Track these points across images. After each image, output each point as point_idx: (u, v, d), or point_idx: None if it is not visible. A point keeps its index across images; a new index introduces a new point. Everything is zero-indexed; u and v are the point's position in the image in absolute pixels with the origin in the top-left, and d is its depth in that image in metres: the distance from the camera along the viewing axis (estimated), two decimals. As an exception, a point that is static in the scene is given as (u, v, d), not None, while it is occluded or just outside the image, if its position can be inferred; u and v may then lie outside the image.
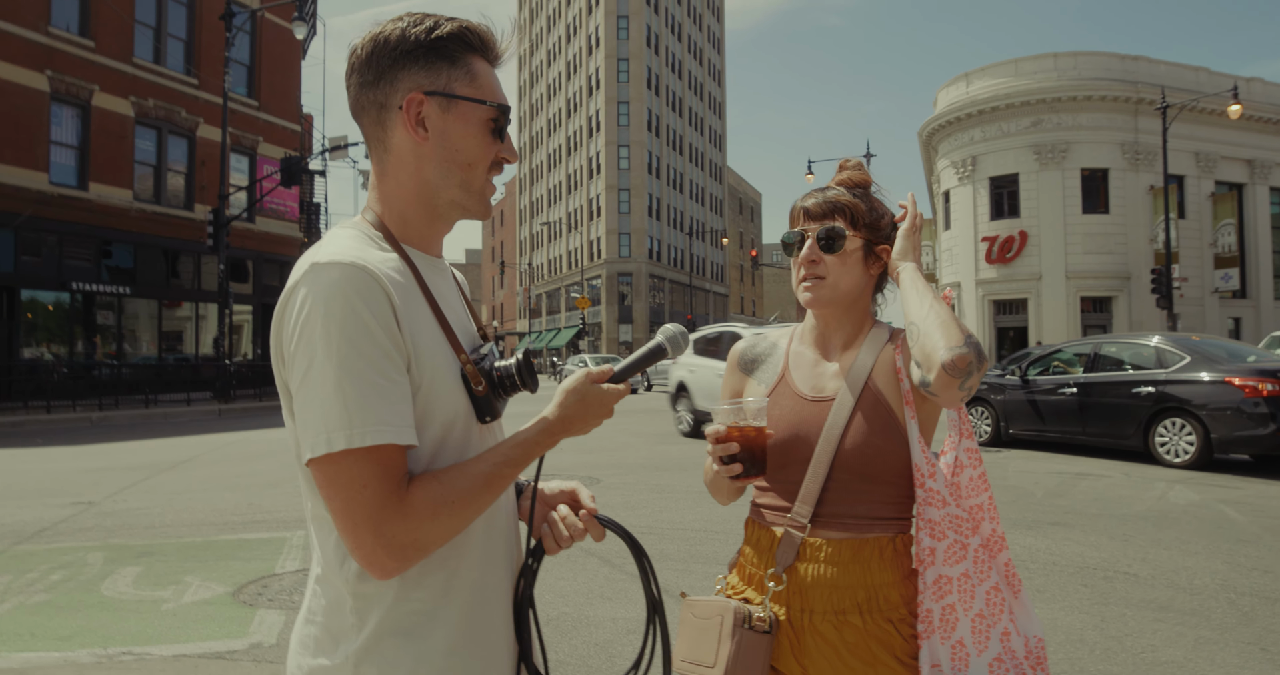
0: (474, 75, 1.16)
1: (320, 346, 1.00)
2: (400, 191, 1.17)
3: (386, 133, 1.15)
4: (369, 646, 1.07)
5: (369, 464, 0.99)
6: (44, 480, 8.96)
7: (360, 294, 1.01)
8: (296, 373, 1.02)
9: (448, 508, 1.03)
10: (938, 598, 1.39)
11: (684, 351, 1.28)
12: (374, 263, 1.05)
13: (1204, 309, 33.84)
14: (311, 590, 1.14)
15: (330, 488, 1.00)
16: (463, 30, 1.15)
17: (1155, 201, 31.16)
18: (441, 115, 1.14)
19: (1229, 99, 25.26)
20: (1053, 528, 6.27)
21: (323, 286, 1.01)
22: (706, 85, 76.56)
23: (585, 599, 4.53)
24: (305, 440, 1.01)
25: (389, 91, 1.13)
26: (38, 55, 20.20)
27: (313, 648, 1.11)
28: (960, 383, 1.29)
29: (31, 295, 20.54)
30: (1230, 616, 4.21)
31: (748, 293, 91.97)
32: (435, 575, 1.10)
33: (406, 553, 1.01)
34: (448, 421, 1.11)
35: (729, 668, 1.42)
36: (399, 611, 1.08)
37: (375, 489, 0.99)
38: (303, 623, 1.14)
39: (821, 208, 1.55)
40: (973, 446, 1.49)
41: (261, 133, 26.74)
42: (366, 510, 0.99)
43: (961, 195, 34.98)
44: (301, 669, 1.11)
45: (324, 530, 1.11)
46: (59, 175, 20.75)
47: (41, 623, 4.18)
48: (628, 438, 12.80)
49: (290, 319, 1.03)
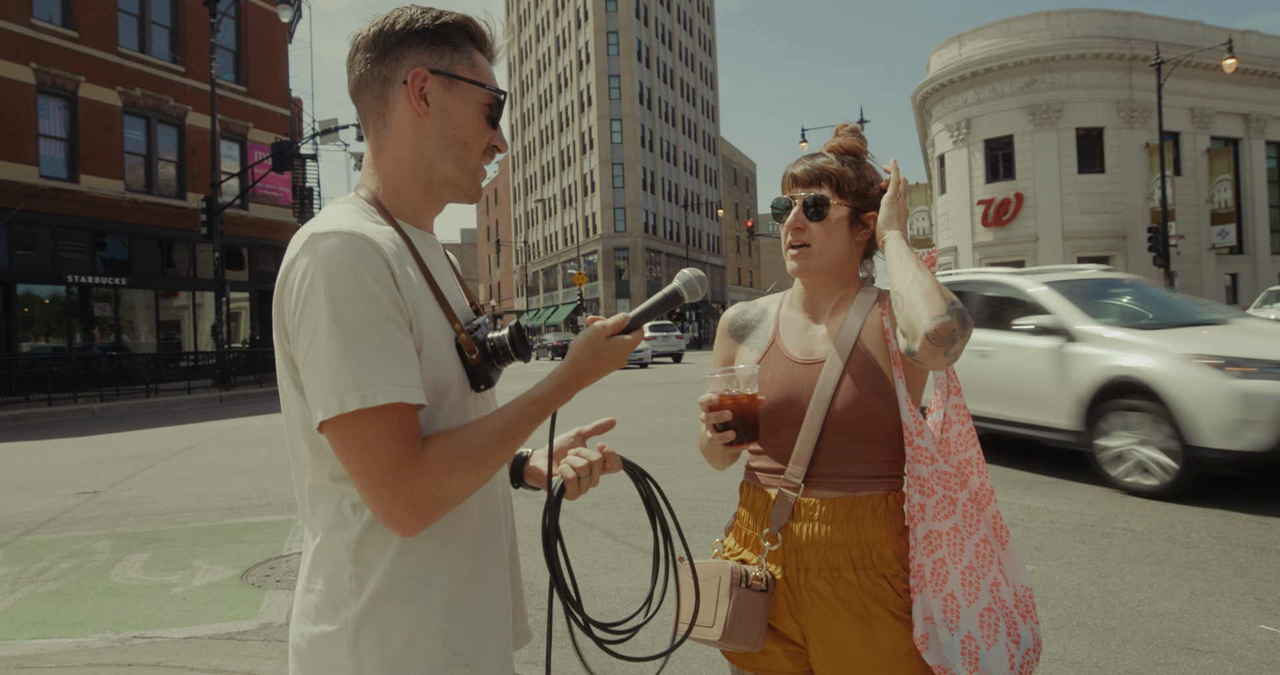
0: (474, 62, 1.22)
1: (325, 312, 1.02)
2: (398, 166, 1.20)
3: (388, 107, 1.19)
4: (367, 611, 1.09)
5: (383, 423, 1.02)
6: (49, 471, 9.03)
7: (361, 259, 1.04)
8: (303, 340, 1.04)
9: (464, 463, 1.06)
10: (928, 552, 1.42)
11: (700, 296, 1.26)
12: (371, 233, 1.08)
13: (1201, 266, 33.80)
14: (309, 561, 1.16)
15: (347, 450, 1.03)
16: (466, 21, 1.22)
17: (1151, 159, 31.03)
18: (443, 93, 1.18)
19: (1224, 53, 25.02)
20: (1050, 487, 6.32)
21: (323, 254, 1.04)
22: (697, 56, 75.82)
23: (590, 571, 4.59)
24: (317, 403, 1.03)
25: (394, 67, 1.18)
26: (22, 47, 20.00)
27: (313, 615, 1.13)
28: (945, 350, 1.31)
29: (27, 289, 20.51)
30: (1225, 568, 4.26)
31: (744, 263, 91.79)
32: (431, 540, 1.12)
33: (426, 508, 1.04)
34: (443, 388, 1.14)
35: (727, 626, 1.46)
36: (396, 576, 1.10)
37: (391, 448, 1.02)
38: (302, 593, 1.16)
39: (809, 175, 1.57)
40: (960, 403, 1.51)
41: (251, 118, 26.54)
42: (383, 469, 1.02)
43: (956, 158, 34.81)
44: (304, 637, 1.13)
45: (323, 499, 1.13)
46: (49, 168, 20.62)
47: (53, 610, 4.24)
48: (630, 411, 12.86)
49: (292, 289, 1.05)
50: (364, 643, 1.09)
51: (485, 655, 1.17)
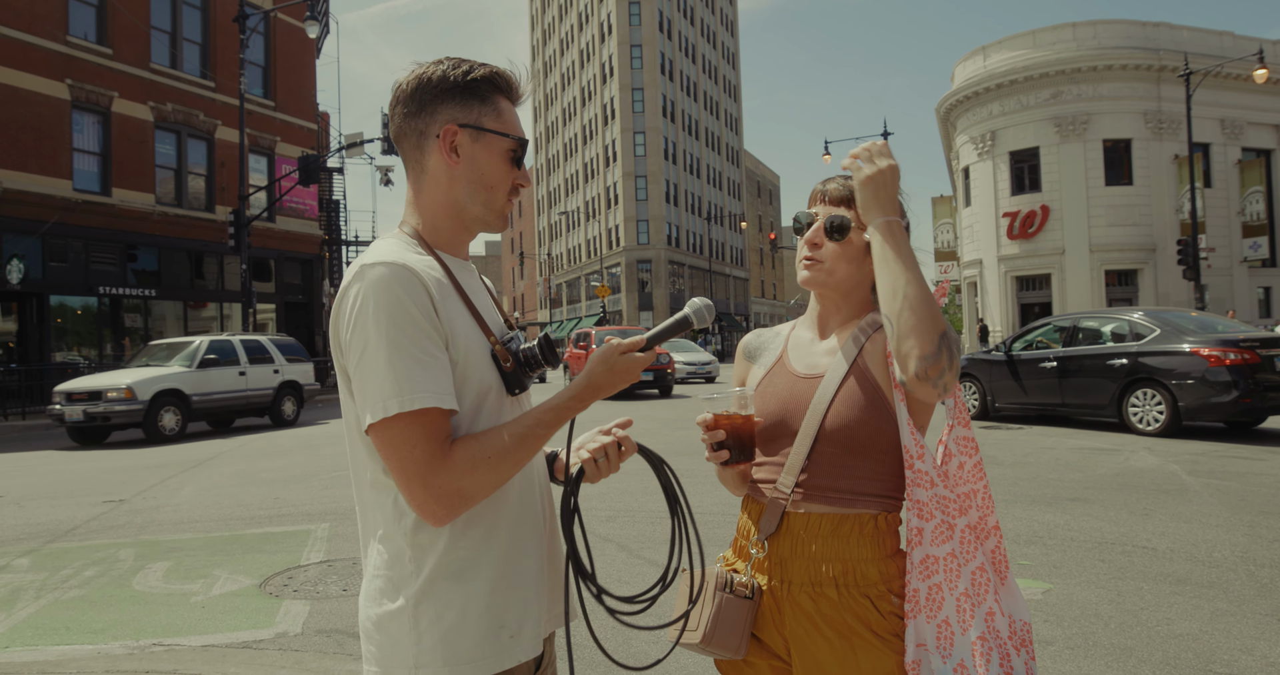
0: (500, 112, 1.38)
1: (372, 332, 1.19)
2: (434, 206, 1.38)
3: (424, 156, 1.36)
4: (425, 590, 1.26)
5: (417, 426, 1.18)
6: (75, 480, 9.18)
7: (403, 286, 1.21)
8: (353, 356, 1.22)
9: (485, 462, 1.21)
10: (924, 577, 1.40)
11: (708, 323, 1.40)
12: (413, 263, 1.25)
13: (1232, 279, 33.25)
14: (375, 551, 1.31)
15: (387, 449, 1.19)
16: (493, 74, 1.37)
17: (1180, 171, 30.63)
18: (471, 144, 1.35)
19: (1254, 63, 24.75)
20: (1072, 503, 6.25)
21: (370, 282, 1.21)
22: (720, 68, 76.02)
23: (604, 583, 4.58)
24: (365, 409, 1.20)
25: (429, 122, 1.35)
26: (58, 64, 20.48)
27: (378, 598, 1.29)
28: (932, 385, 1.32)
29: (60, 300, 20.92)
30: (1249, 588, 4.19)
31: (768, 276, 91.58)
32: (477, 527, 1.29)
33: (453, 501, 1.20)
34: (481, 393, 1.30)
35: (709, 630, 1.48)
36: (449, 558, 1.27)
37: (423, 448, 1.18)
38: (369, 579, 1.32)
39: (838, 194, 1.56)
40: (967, 435, 1.48)
41: (279, 132, 26.96)
42: (416, 466, 1.18)
43: (981, 171, 34.58)
44: (370, 619, 1.29)
45: (384, 494, 1.29)
46: (82, 182, 21.06)
47: (75, 617, 4.31)
48: (649, 424, 12.86)
49: (345, 312, 1.24)
50: (424, 617, 1.25)
51: (526, 628, 1.33)
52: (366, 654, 1.31)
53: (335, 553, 5.44)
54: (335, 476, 8.65)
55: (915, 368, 1.32)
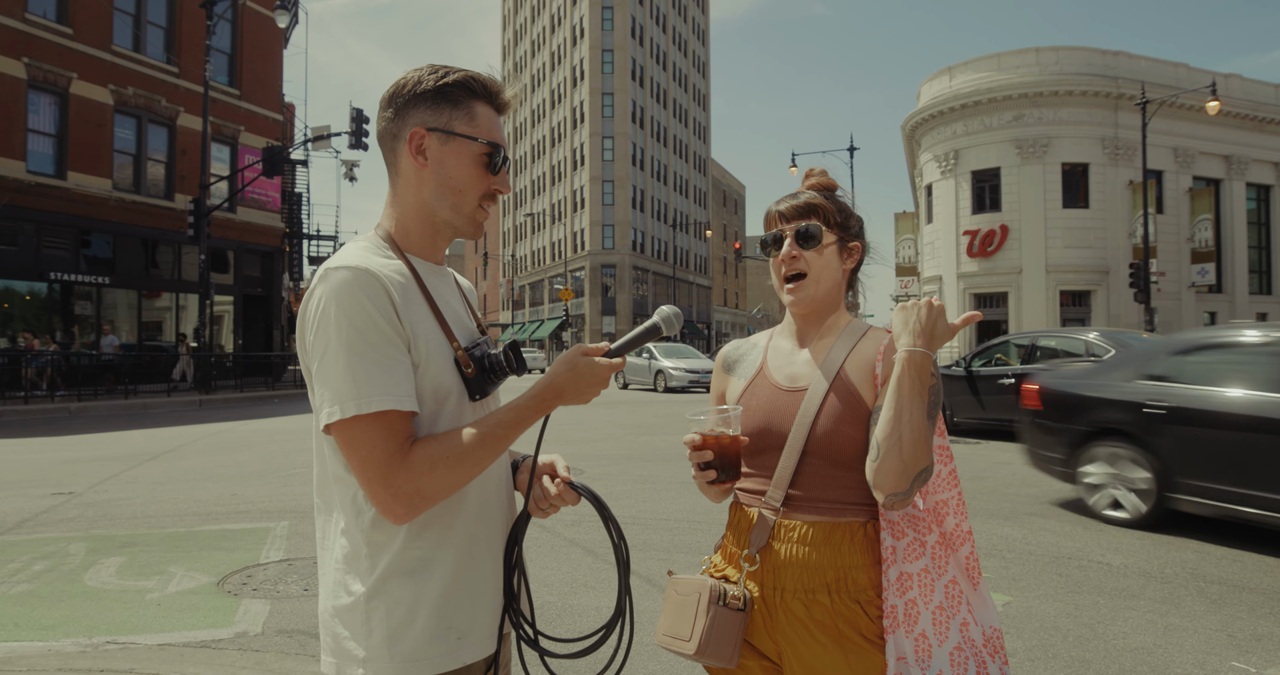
0: (473, 117, 1.38)
1: (333, 334, 1.21)
2: (405, 209, 1.40)
3: (397, 159, 1.39)
4: (379, 586, 1.28)
5: (376, 427, 1.20)
6: (23, 471, 8.91)
7: (364, 290, 1.22)
8: (315, 356, 1.24)
9: (444, 462, 1.22)
10: (900, 594, 1.46)
11: (676, 331, 1.42)
12: (376, 266, 1.26)
13: (1180, 303, 34.23)
14: (338, 544, 1.32)
15: (348, 449, 1.22)
16: (467, 79, 1.38)
17: (1134, 196, 31.46)
18: (440, 147, 1.36)
19: (1207, 95, 25.48)
20: (1029, 517, 6.37)
21: (333, 286, 1.23)
22: (691, 77, 76.40)
23: (569, 588, 4.58)
24: (323, 409, 1.22)
25: (401, 125, 1.37)
26: (14, 42, 19.91)
27: (335, 590, 1.31)
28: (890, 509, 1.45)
29: (7, 285, 20.30)
30: (1199, 604, 4.31)
31: (731, 285, 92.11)
32: (433, 527, 1.30)
33: (413, 501, 1.21)
34: (441, 396, 1.31)
35: (702, 642, 1.50)
36: (404, 557, 1.28)
37: (383, 448, 1.20)
38: (329, 571, 1.34)
39: (796, 210, 1.64)
40: (942, 444, 1.53)
41: (243, 122, 26.48)
42: (377, 466, 1.20)
43: (944, 188, 35.17)
44: (327, 611, 1.32)
45: (344, 489, 1.30)
46: (37, 163, 20.48)
47: (25, 613, 4.18)
48: (612, 429, 12.85)
49: (309, 314, 1.26)
50: (375, 613, 1.27)
51: (475, 630, 1.34)
52: (324, 643, 1.33)
53: (295, 552, 5.34)
54: (294, 473, 8.50)
55: (882, 499, 1.43)
